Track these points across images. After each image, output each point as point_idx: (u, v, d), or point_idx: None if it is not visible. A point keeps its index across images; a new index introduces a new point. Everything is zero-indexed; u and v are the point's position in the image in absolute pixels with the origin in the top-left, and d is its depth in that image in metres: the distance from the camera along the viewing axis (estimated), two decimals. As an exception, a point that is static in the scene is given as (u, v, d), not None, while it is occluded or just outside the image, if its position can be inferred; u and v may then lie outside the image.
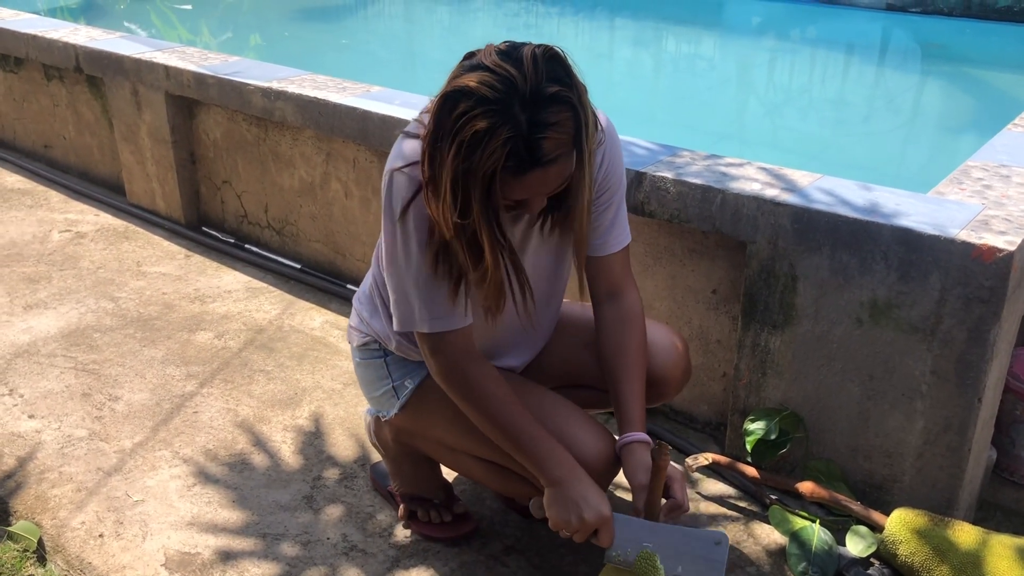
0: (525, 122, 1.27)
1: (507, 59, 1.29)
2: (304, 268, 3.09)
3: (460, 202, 1.32)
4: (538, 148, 1.29)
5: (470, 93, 1.27)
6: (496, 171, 1.29)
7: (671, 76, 6.59)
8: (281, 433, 2.21)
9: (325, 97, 2.72)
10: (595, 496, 1.47)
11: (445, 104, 1.30)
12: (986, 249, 1.61)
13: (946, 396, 1.74)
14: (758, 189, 1.89)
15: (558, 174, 1.35)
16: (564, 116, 1.30)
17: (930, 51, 7.06)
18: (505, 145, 1.27)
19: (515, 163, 1.29)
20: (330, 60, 6.61)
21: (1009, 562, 1.58)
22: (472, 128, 1.27)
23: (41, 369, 2.49)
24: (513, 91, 1.27)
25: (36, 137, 4.21)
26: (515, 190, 1.35)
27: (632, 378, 1.61)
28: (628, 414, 1.59)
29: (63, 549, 1.83)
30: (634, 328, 1.64)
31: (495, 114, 1.26)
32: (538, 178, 1.33)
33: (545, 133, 1.28)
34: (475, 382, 1.52)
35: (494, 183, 1.31)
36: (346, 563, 1.79)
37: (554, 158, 1.32)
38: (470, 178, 1.30)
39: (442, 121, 1.30)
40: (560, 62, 1.33)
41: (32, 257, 3.22)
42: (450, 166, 1.30)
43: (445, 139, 1.30)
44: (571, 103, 1.31)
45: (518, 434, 1.50)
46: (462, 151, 1.28)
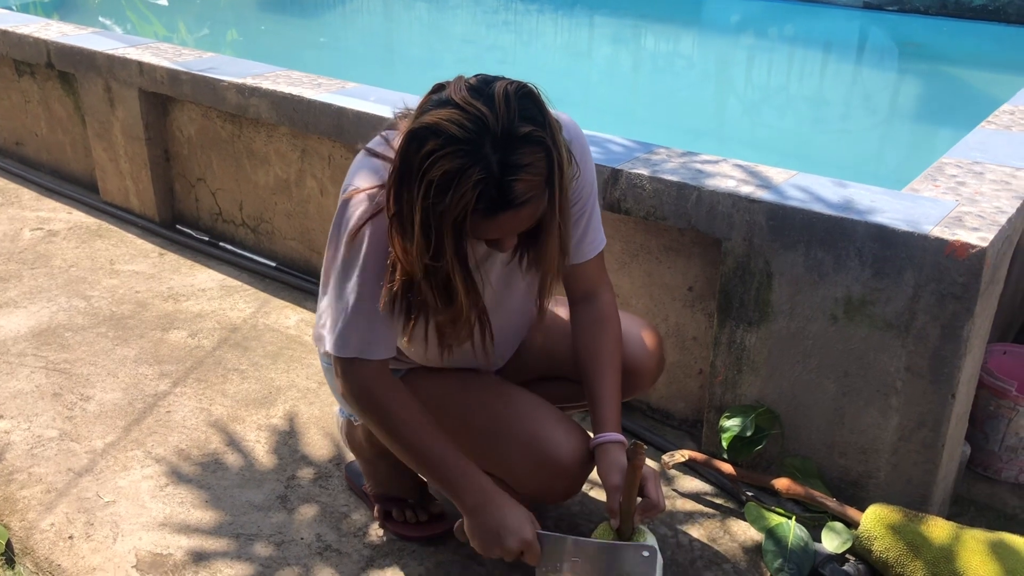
0: (496, 163, 1.23)
1: (478, 96, 1.24)
2: (279, 266, 3.07)
3: (432, 245, 1.28)
4: (510, 190, 1.25)
5: (439, 131, 1.22)
6: (467, 214, 1.25)
7: (649, 74, 6.60)
8: (255, 432, 2.19)
9: (300, 93, 2.70)
10: (514, 520, 1.45)
11: (412, 141, 1.25)
12: (959, 245, 1.62)
13: (920, 392, 1.75)
14: (733, 186, 1.89)
15: (530, 215, 1.31)
16: (537, 157, 1.26)
17: (906, 49, 7.11)
18: (476, 187, 1.23)
19: (485, 205, 1.25)
20: (308, 57, 6.58)
21: (982, 556, 1.59)
22: (441, 169, 1.22)
23: (11, 368, 2.45)
24: (484, 131, 1.22)
25: (7, 134, 4.16)
26: (486, 230, 1.31)
27: (606, 378, 1.60)
28: (602, 414, 1.58)
29: (32, 551, 1.80)
30: (608, 329, 1.64)
31: (465, 155, 1.22)
32: (509, 219, 1.29)
33: (517, 175, 1.24)
34: (387, 405, 1.48)
35: (464, 224, 1.27)
36: (320, 563, 1.77)
37: (526, 200, 1.27)
38: (441, 220, 1.26)
39: (409, 159, 1.25)
40: (533, 99, 1.29)
41: (2, 255, 3.18)
42: (419, 207, 1.25)
43: (413, 178, 1.25)
44: (544, 143, 1.26)
45: (430, 460, 1.48)
46: (431, 193, 1.24)
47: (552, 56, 6.96)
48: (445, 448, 1.48)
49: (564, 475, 1.57)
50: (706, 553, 1.81)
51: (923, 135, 5.11)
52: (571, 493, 1.65)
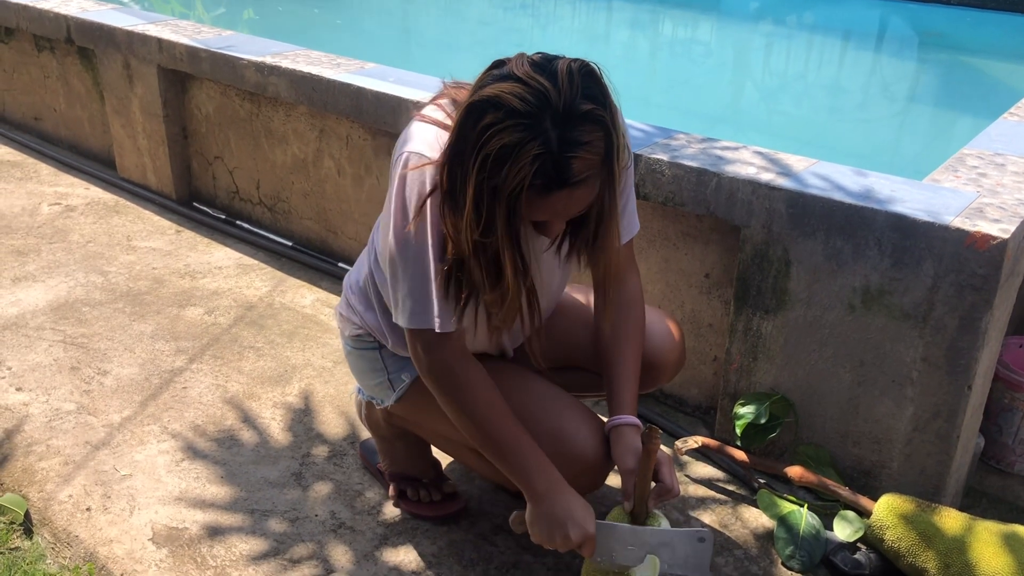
0: (556, 139, 1.20)
1: (541, 71, 1.22)
2: (295, 245, 3.08)
3: (484, 220, 1.25)
4: (567, 168, 1.22)
5: (499, 104, 1.20)
6: (523, 189, 1.22)
7: (667, 60, 6.56)
8: (270, 410, 2.21)
9: (319, 73, 2.70)
10: (580, 511, 1.43)
11: (471, 114, 1.22)
12: (980, 237, 1.61)
13: (936, 383, 1.74)
14: (753, 173, 1.88)
15: (584, 197, 1.29)
16: (596, 136, 1.24)
17: (927, 39, 7.05)
18: (533, 162, 1.20)
19: (542, 181, 1.22)
20: (325, 37, 6.57)
21: (994, 548, 1.59)
22: (500, 141, 1.20)
23: (29, 342, 2.48)
24: (546, 105, 1.20)
25: (26, 109, 4.17)
26: (538, 210, 1.28)
27: (626, 362, 1.60)
28: (619, 397, 1.58)
29: (50, 522, 1.82)
30: (633, 313, 1.63)
31: (525, 128, 1.19)
32: (563, 199, 1.26)
33: (576, 152, 1.22)
34: (467, 384, 1.46)
35: (519, 202, 1.25)
36: (334, 540, 1.79)
37: (582, 179, 1.25)
38: (495, 195, 1.23)
39: (466, 132, 1.23)
40: (595, 79, 1.26)
41: (21, 230, 3.20)
42: (474, 181, 1.23)
43: (469, 151, 1.23)
44: (604, 123, 1.24)
45: (503, 443, 1.46)
46: (487, 165, 1.21)
47: (569, 39, 6.93)
48: (519, 432, 1.46)
49: (588, 471, 1.56)
50: (718, 539, 1.82)
51: (942, 126, 5.07)
52: (593, 488, 1.63)
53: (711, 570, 1.47)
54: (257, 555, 1.75)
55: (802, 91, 5.79)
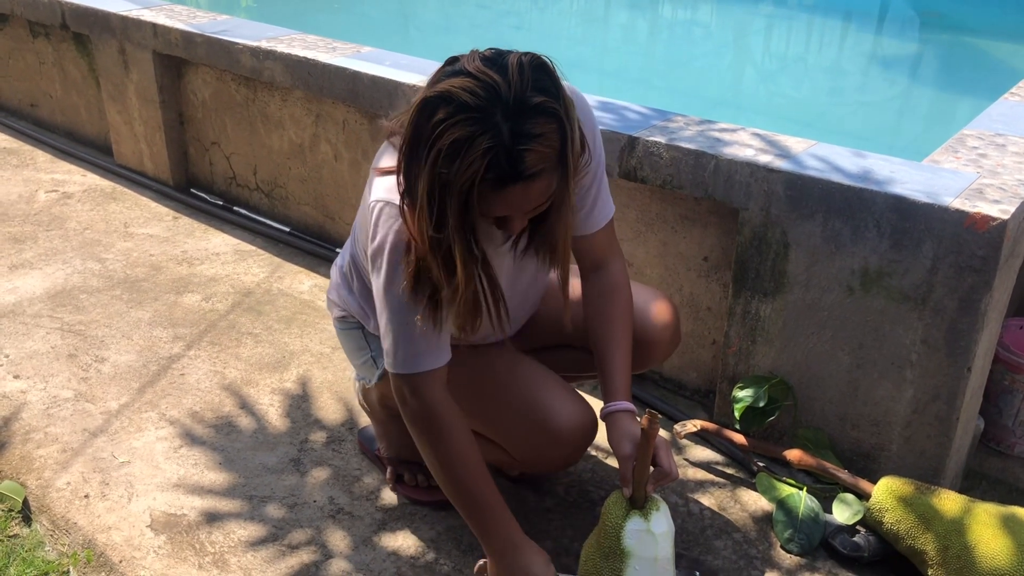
0: (508, 132, 1.20)
1: (491, 65, 1.22)
2: (293, 231, 3.07)
3: (436, 214, 1.25)
4: (520, 161, 1.21)
5: (450, 99, 1.20)
6: (475, 183, 1.21)
7: (666, 41, 6.53)
8: (268, 396, 2.20)
9: (315, 57, 2.68)
10: (539, 570, 1.46)
11: (424, 110, 1.22)
12: (980, 218, 1.60)
13: (936, 365, 1.74)
14: (751, 155, 1.87)
15: (540, 191, 1.27)
16: (549, 128, 1.22)
17: (928, 19, 7.00)
18: (485, 156, 1.19)
19: (495, 175, 1.21)
20: (322, 21, 6.53)
21: (993, 530, 1.59)
22: (451, 136, 1.19)
23: (27, 329, 2.47)
24: (496, 99, 1.19)
25: (22, 95, 4.15)
26: (494, 205, 1.27)
27: (618, 347, 1.60)
28: (613, 383, 1.58)
29: (48, 509, 1.82)
30: (619, 298, 1.63)
31: (475, 122, 1.19)
32: (519, 193, 1.25)
33: (528, 145, 1.21)
34: (447, 437, 1.46)
35: (471, 196, 1.24)
36: (332, 525, 1.79)
37: (536, 172, 1.23)
38: (447, 189, 1.23)
39: (420, 128, 1.23)
40: (547, 71, 1.25)
41: (18, 217, 3.19)
42: (427, 176, 1.23)
43: (422, 147, 1.23)
44: (557, 115, 1.23)
45: (471, 498, 1.48)
46: (439, 160, 1.21)
47: (568, 22, 6.89)
48: (488, 490, 1.47)
49: (561, 442, 1.57)
50: (716, 522, 1.82)
51: (943, 106, 5.04)
52: (569, 462, 1.66)
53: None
54: (255, 541, 1.75)
55: (802, 73, 5.75)
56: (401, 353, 1.44)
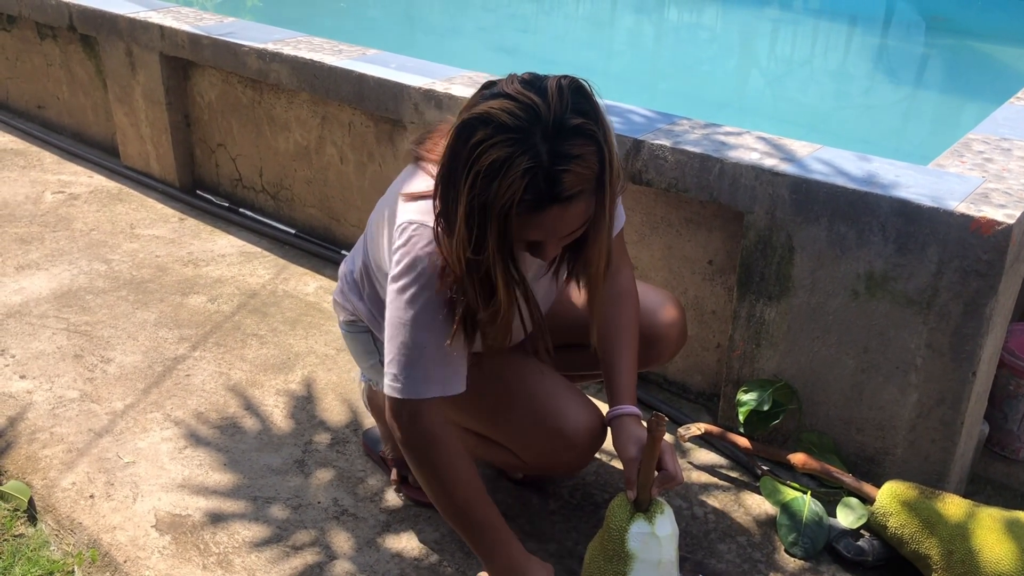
0: (546, 153, 1.19)
1: (530, 88, 1.22)
2: (298, 233, 3.07)
3: (475, 237, 1.24)
4: (558, 182, 1.20)
5: (489, 120, 1.20)
6: (513, 205, 1.21)
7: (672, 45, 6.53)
8: (273, 397, 2.21)
9: (321, 59, 2.69)
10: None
11: (462, 132, 1.22)
12: (985, 222, 1.60)
13: (940, 370, 1.73)
14: (757, 159, 1.87)
15: (577, 215, 1.26)
16: (588, 150, 1.22)
17: (934, 24, 7.00)
18: (524, 176, 1.19)
19: (533, 197, 1.21)
20: (328, 24, 6.54)
21: (997, 535, 1.58)
22: (490, 157, 1.19)
23: (33, 330, 2.48)
24: (536, 120, 1.19)
25: (29, 97, 4.17)
26: (531, 228, 1.27)
27: (624, 352, 1.60)
28: (619, 387, 1.59)
29: (54, 509, 1.83)
30: (627, 305, 1.64)
31: (515, 143, 1.19)
32: (556, 216, 1.24)
33: (567, 166, 1.20)
34: (445, 462, 1.44)
35: (510, 218, 1.23)
36: (337, 527, 1.79)
37: (575, 194, 1.23)
38: (486, 212, 1.22)
39: (458, 150, 1.22)
40: (585, 94, 1.25)
41: (25, 218, 3.20)
42: (465, 198, 1.22)
43: (460, 169, 1.22)
44: (596, 138, 1.23)
45: (471, 519, 1.47)
46: (478, 182, 1.20)
47: (574, 25, 6.90)
48: (487, 511, 1.47)
49: (571, 447, 1.57)
50: (720, 525, 1.82)
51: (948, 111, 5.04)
52: (579, 467, 1.66)
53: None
54: (260, 542, 1.75)
55: (807, 77, 5.76)
56: (409, 377, 1.41)
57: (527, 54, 5.07)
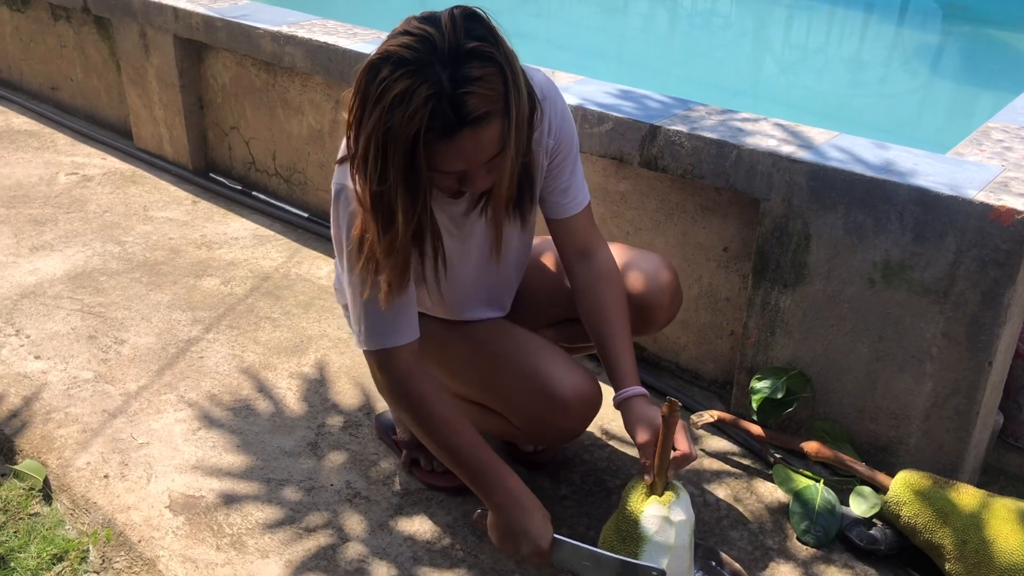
0: (447, 79, 1.23)
1: (425, 22, 1.26)
2: (311, 216, 3.07)
3: (380, 168, 1.28)
4: (463, 105, 1.23)
5: (389, 57, 1.24)
6: (420, 133, 1.24)
7: (686, 31, 6.49)
8: (286, 380, 2.21)
9: (335, 43, 2.68)
10: (536, 526, 1.46)
11: (367, 75, 1.26)
12: (1004, 211, 1.59)
13: (956, 359, 1.73)
14: (774, 146, 1.86)
15: (492, 138, 1.29)
16: (488, 72, 1.25)
17: (951, 11, 6.93)
18: (427, 103, 1.22)
19: (441, 123, 1.24)
20: (341, 6, 6.52)
21: (1012, 525, 1.58)
22: (392, 91, 1.22)
23: (47, 311, 2.49)
24: (432, 50, 1.23)
25: (43, 78, 4.17)
26: (450, 157, 1.29)
27: (618, 334, 1.60)
28: (620, 370, 1.58)
29: (68, 488, 1.84)
30: (611, 284, 1.63)
31: (415, 74, 1.22)
32: (469, 141, 1.27)
33: (468, 88, 1.23)
34: (423, 400, 1.50)
35: (418, 147, 1.26)
36: (349, 509, 1.80)
37: (482, 115, 1.25)
38: (391, 143, 1.25)
39: (366, 91, 1.26)
40: (480, 20, 1.28)
41: (39, 199, 3.21)
42: (372, 132, 1.26)
43: (369, 108, 1.26)
44: (494, 59, 1.25)
45: (462, 455, 1.50)
46: (383, 115, 1.24)
47: (588, 10, 6.86)
48: (478, 444, 1.50)
49: (563, 410, 1.57)
50: (732, 513, 1.82)
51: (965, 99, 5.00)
52: (575, 433, 1.65)
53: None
54: (273, 523, 1.76)
55: (823, 64, 5.72)
56: (365, 330, 1.50)
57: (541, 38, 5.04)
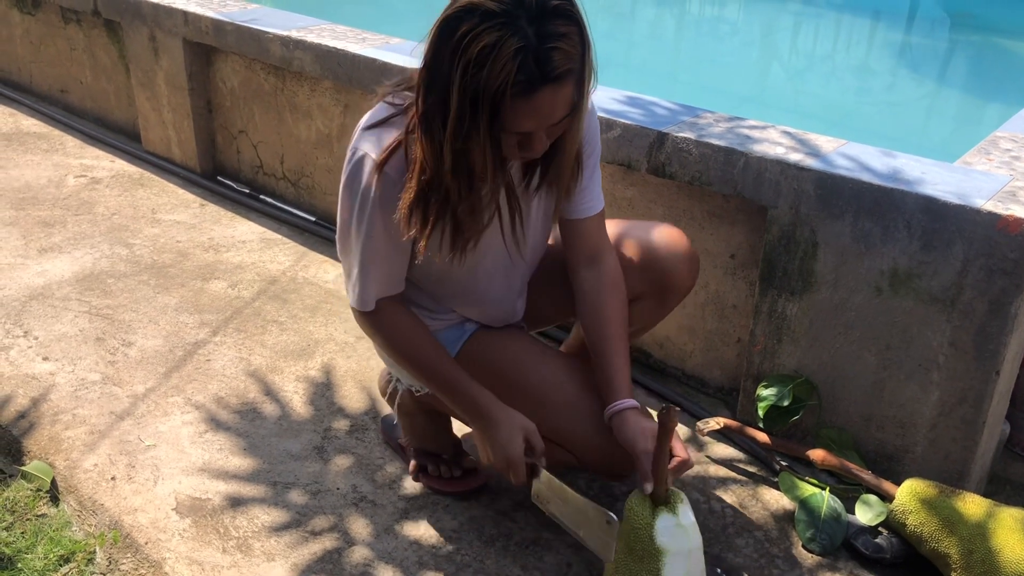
0: (534, 34, 1.22)
1: None
2: (319, 221, 3.08)
3: (466, 126, 1.26)
4: (549, 60, 1.23)
5: (473, 10, 1.21)
6: (506, 88, 1.22)
7: (693, 38, 6.50)
8: (293, 383, 2.22)
9: (344, 47, 2.69)
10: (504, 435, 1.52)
11: (446, 28, 1.24)
12: (1012, 220, 1.59)
13: (963, 368, 1.73)
14: (782, 153, 1.86)
15: (566, 98, 1.29)
16: (571, 30, 1.25)
17: (959, 20, 6.93)
18: (515, 57, 1.21)
19: (526, 78, 1.22)
20: (349, 11, 6.54)
21: (1019, 535, 1.57)
22: (479, 44, 1.20)
23: (56, 312, 2.50)
24: (519, 4, 1.22)
25: (53, 81, 4.19)
26: (524, 115, 1.27)
27: (616, 346, 1.59)
28: (615, 382, 1.57)
29: (76, 490, 1.85)
30: (614, 294, 1.62)
31: (503, 27, 1.20)
32: (547, 99, 1.26)
33: (555, 44, 1.23)
34: (398, 333, 1.57)
35: (503, 105, 1.25)
36: (355, 513, 1.80)
37: (563, 73, 1.25)
38: (478, 99, 1.24)
39: (442, 46, 1.24)
40: None
41: (47, 201, 3.22)
42: (457, 89, 1.24)
43: (447, 63, 1.23)
44: (576, 18, 1.26)
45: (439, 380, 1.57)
46: (469, 71, 1.22)
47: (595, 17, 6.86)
48: (453, 371, 1.57)
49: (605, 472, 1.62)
50: (738, 520, 1.82)
51: (972, 108, 5.00)
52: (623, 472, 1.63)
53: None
54: (279, 526, 1.76)
55: (830, 72, 5.72)
56: (372, 289, 1.54)
57: None
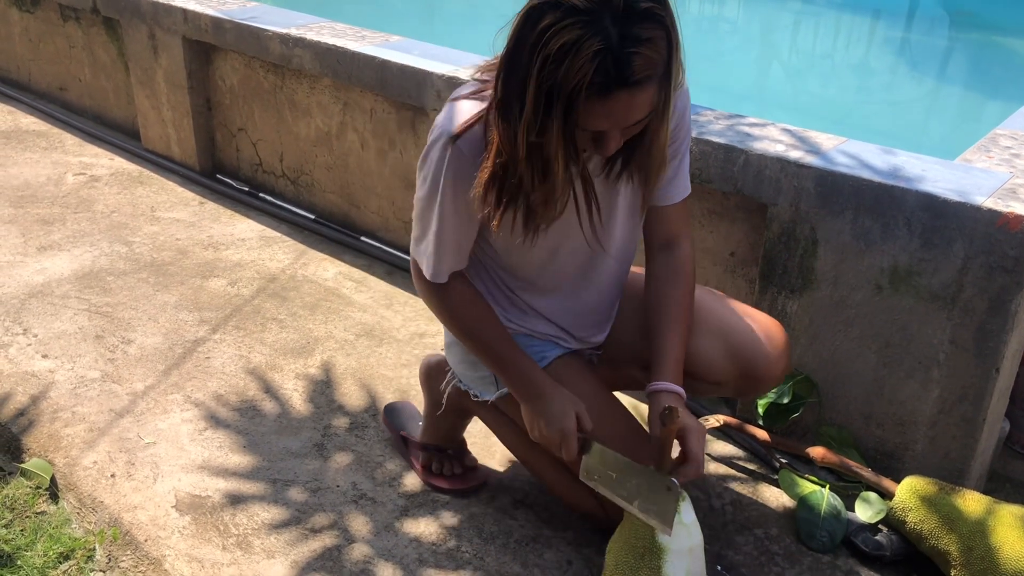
0: (616, 36, 1.18)
1: None
2: (318, 219, 3.08)
3: (540, 120, 1.25)
4: (628, 65, 1.20)
5: (558, 3, 1.19)
6: (581, 88, 1.20)
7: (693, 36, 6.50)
8: (292, 381, 2.22)
9: (344, 45, 2.69)
10: (558, 409, 1.51)
11: (530, 17, 1.22)
12: (1012, 218, 1.59)
13: (963, 366, 1.73)
14: (782, 151, 1.86)
15: (644, 103, 1.25)
16: (657, 35, 1.21)
17: (958, 18, 6.93)
18: (594, 59, 1.18)
19: (602, 80, 1.20)
20: (348, 10, 6.54)
21: (1018, 532, 1.58)
22: (560, 40, 1.18)
23: (55, 310, 2.50)
24: (606, 3, 1.19)
25: (51, 79, 4.19)
26: (597, 116, 1.25)
27: (674, 329, 1.57)
28: (663, 363, 1.55)
29: (75, 487, 1.84)
30: (684, 282, 1.61)
31: (585, 25, 1.18)
32: (623, 102, 1.23)
33: (637, 48, 1.19)
34: (464, 303, 1.58)
35: (577, 102, 1.23)
36: (355, 510, 1.80)
37: (642, 79, 1.22)
38: (553, 95, 1.23)
39: (525, 35, 1.22)
40: None
41: (47, 199, 3.22)
42: (534, 81, 1.22)
43: (528, 54, 1.22)
44: (664, 23, 1.22)
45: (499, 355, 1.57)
46: (547, 65, 1.20)
47: None
48: (513, 348, 1.57)
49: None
50: (738, 518, 1.82)
51: (972, 106, 5.00)
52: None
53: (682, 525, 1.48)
54: (278, 524, 1.76)
55: (829, 70, 5.72)
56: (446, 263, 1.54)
57: None
